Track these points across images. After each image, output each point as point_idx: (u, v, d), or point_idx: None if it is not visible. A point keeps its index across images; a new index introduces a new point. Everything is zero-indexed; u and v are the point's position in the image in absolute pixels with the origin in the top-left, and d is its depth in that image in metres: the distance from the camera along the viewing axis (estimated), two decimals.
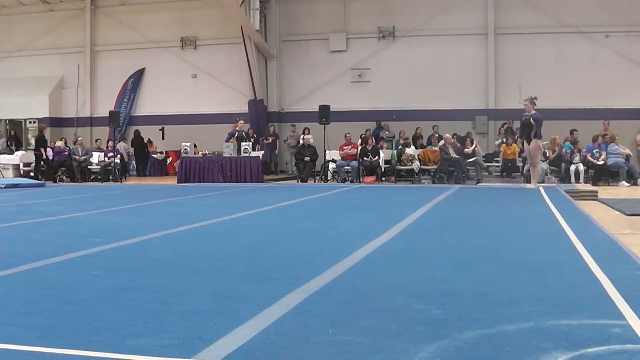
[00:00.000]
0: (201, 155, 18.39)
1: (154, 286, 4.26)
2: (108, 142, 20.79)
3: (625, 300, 3.63)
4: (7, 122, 25.88)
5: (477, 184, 16.60)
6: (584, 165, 16.97)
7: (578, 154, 17.10)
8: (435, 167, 17.48)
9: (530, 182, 14.78)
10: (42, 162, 19.82)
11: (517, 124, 19.44)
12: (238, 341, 2.94)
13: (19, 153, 21.27)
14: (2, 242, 6.59)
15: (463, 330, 3.09)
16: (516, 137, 17.77)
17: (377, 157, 17.77)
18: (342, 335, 3.07)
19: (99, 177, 19.39)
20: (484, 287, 4.17)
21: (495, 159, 19.60)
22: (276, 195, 12.90)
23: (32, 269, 4.85)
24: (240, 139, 18.28)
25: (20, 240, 6.63)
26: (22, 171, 19.88)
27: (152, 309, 3.61)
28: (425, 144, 19.66)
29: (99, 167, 19.48)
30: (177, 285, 4.29)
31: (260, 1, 21.54)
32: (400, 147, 18.74)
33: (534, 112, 14.02)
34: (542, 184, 14.95)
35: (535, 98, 14.20)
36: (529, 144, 14.22)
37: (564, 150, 17.24)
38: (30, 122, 25.90)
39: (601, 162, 16.77)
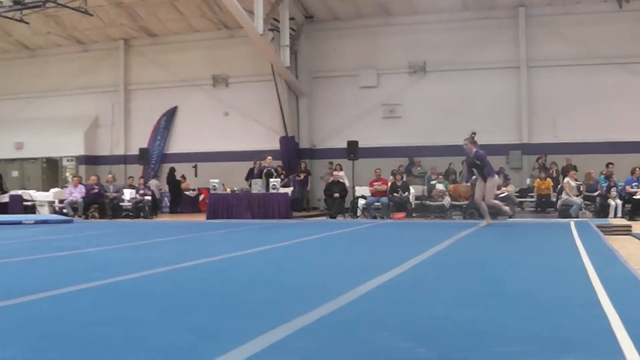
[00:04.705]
0: (229, 192, 18.34)
1: (134, 320, 4.08)
2: (140, 179, 20.96)
3: (630, 339, 3.30)
4: (45, 160, 26.41)
5: (509, 218, 16.14)
6: (620, 199, 16.38)
7: (615, 188, 16.55)
8: (466, 202, 17.08)
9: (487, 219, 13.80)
10: None
11: (550, 159, 19.04)
12: None
13: (53, 190, 21.53)
14: (1, 276, 6.51)
15: None
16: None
17: (407, 193, 17.47)
18: None
19: (130, 213, 19.53)
20: (480, 324, 3.88)
21: (529, 194, 19.12)
22: (298, 231, 12.69)
23: (21, 303, 4.70)
24: (268, 175, 18.22)
25: (20, 275, 6.54)
26: (56, 207, 20.11)
27: (123, 344, 3.42)
28: (457, 179, 19.29)
29: (130, 203, 19.66)
30: (158, 320, 4.10)
31: (290, 38, 21.62)
32: (432, 182, 18.42)
33: (475, 150, 13.09)
34: (575, 219, 14.45)
35: (474, 134, 13.24)
36: (485, 182, 13.11)
37: (599, 184, 16.70)
38: (67, 160, 26.37)
39: (639, 197, 16.18)
